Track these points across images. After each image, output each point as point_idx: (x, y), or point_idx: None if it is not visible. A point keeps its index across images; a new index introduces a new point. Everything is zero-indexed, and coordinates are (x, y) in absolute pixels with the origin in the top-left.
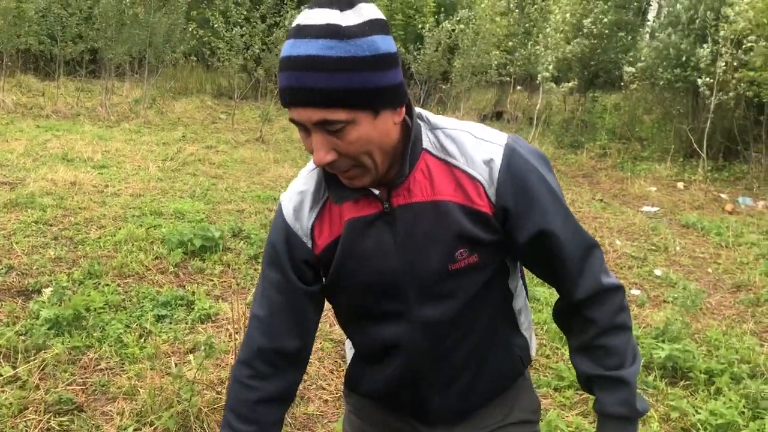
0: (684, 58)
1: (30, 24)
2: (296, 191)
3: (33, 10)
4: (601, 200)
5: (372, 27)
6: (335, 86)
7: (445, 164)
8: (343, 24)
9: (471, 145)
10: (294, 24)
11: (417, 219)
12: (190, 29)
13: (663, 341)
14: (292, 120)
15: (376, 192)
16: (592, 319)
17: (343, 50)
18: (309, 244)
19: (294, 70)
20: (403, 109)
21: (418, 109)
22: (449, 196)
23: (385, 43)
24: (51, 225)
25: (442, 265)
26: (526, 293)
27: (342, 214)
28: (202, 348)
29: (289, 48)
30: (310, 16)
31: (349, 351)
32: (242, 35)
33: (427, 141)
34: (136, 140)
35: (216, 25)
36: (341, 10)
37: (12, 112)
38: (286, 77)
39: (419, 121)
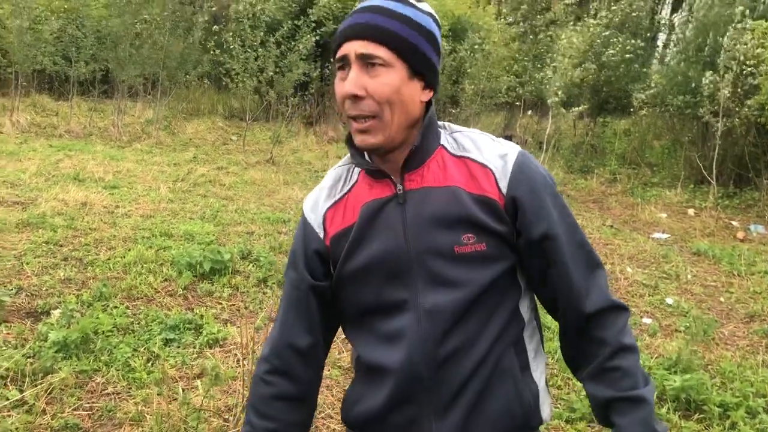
0: (693, 85)
1: (45, 45)
2: (317, 188)
3: (48, 32)
4: (612, 226)
5: (432, 16)
6: (388, 27)
7: (460, 159)
8: (412, 0)
9: (487, 142)
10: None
11: (426, 201)
12: (208, 47)
13: (675, 372)
14: (337, 59)
15: (390, 175)
16: (602, 339)
17: (407, 11)
18: (321, 234)
19: (359, 13)
20: (431, 95)
21: (441, 122)
22: (460, 184)
23: (438, 32)
24: (61, 245)
25: (448, 247)
26: (542, 340)
27: (357, 203)
28: (209, 376)
29: (362, 4)
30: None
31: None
32: (256, 58)
33: (446, 141)
34: (147, 161)
35: (232, 47)
36: (405, 3)
37: (26, 132)
38: (350, 20)
39: (439, 128)
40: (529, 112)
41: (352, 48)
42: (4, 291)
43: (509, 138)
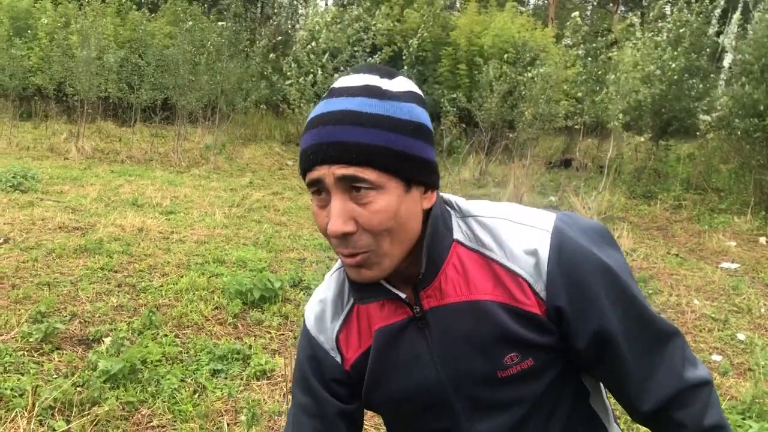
0: (762, 108)
1: (109, 73)
2: (317, 300)
3: (113, 60)
4: (677, 255)
5: (412, 96)
6: (370, 142)
7: (481, 257)
8: (383, 87)
9: (509, 233)
10: (328, 89)
11: (453, 323)
12: (265, 73)
13: (750, 417)
14: (309, 183)
15: (403, 295)
16: (679, 422)
17: (383, 108)
18: (338, 358)
19: (324, 125)
20: (434, 197)
21: (447, 196)
22: (488, 295)
23: (425, 116)
24: (116, 272)
25: (489, 374)
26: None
27: (370, 321)
28: (247, 416)
29: (321, 107)
30: (347, 80)
31: None
32: (314, 84)
33: (458, 231)
34: (204, 186)
35: (289, 73)
36: (380, 77)
37: (90, 158)
38: (313, 135)
39: (449, 209)
40: (590, 138)
41: (329, 171)
42: (59, 318)
43: (568, 162)
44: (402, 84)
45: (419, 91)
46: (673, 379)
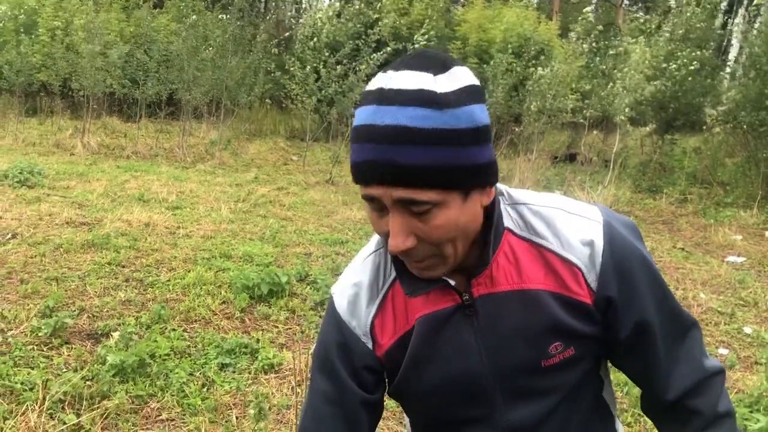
0: None
1: (114, 68)
2: (350, 283)
3: (117, 55)
4: (683, 249)
5: (470, 95)
6: (429, 163)
7: (533, 245)
8: (439, 90)
9: (563, 223)
10: (374, 86)
11: (503, 311)
12: (269, 69)
13: (758, 410)
14: (365, 197)
15: (452, 282)
16: (696, 409)
17: (440, 121)
18: (369, 345)
19: (378, 142)
20: (494, 190)
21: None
22: (540, 284)
23: (483, 114)
24: (123, 266)
25: (534, 363)
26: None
27: (408, 307)
28: (254, 410)
29: (370, 115)
30: (397, 80)
31: None
32: (317, 79)
33: (509, 219)
34: (210, 181)
35: (292, 68)
36: (434, 74)
37: (96, 153)
38: (366, 150)
39: (498, 197)
40: (595, 132)
41: (385, 193)
42: (68, 313)
43: (573, 157)
44: (459, 78)
45: (476, 81)
46: (695, 369)
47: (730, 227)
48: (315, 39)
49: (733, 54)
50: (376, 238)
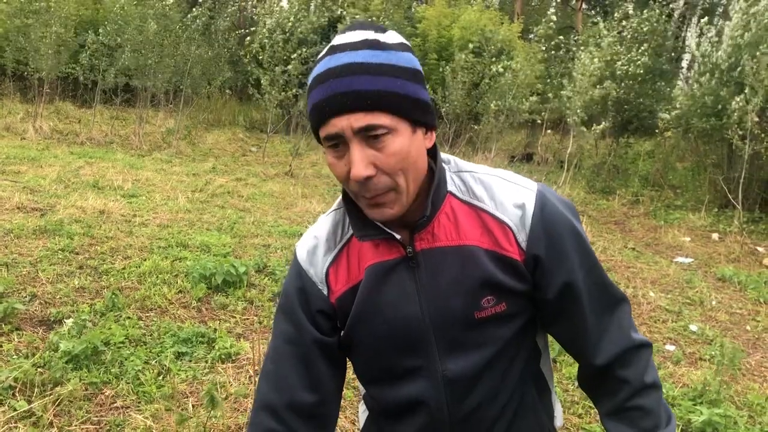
0: (720, 107)
1: (71, 53)
2: (311, 235)
3: (71, 39)
4: (634, 249)
5: (406, 47)
6: (381, 88)
7: (472, 207)
8: (381, 39)
9: (500, 188)
10: (325, 49)
11: (441, 264)
12: (243, 57)
13: (701, 403)
14: (327, 137)
15: (398, 236)
16: (624, 378)
17: (385, 58)
18: (324, 291)
19: (337, 76)
20: (433, 137)
21: (443, 154)
22: (476, 241)
23: (418, 62)
24: (77, 253)
25: (467, 314)
26: (546, 343)
27: (361, 259)
28: (207, 399)
29: (326, 63)
30: (346, 37)
31: (362, 414)
32: (284, 72)
33: (452, 184)
34: (166, 170)
35: (262, 59)
36: (375, 31)
37: (48, 138)
38: (327, 87)
39: (444, 165)
40: (549, 131)
41: (346, 123)
42: (18, 299)
43: (530, 157)
44: (394, 36)
45: (407, 42)
46: (622, 338)
47: (680, 229)
48: (284, 35)
49: (686, 61)
50: (338, 199)
